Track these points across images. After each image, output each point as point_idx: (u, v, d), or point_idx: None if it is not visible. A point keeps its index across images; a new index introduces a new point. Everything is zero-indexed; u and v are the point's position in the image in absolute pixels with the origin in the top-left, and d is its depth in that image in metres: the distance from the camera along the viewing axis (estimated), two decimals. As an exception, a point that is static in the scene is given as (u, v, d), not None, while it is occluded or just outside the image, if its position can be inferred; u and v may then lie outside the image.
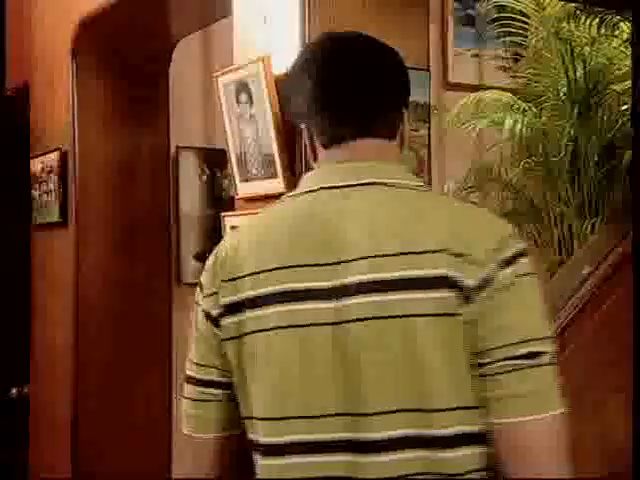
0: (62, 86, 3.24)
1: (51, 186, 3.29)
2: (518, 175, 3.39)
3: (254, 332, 1.11)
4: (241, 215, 2.20)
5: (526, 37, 3.42)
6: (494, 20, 3.70)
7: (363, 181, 1.14)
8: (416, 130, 2.20)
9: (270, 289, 1.10)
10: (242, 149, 2.21)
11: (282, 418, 1.09)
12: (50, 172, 3.29)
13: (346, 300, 1.07)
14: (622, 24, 3.13)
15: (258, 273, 1.11)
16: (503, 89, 3.57)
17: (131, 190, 3.38)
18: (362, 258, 1.08)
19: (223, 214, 2.27)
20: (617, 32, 3.17)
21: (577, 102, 3.24)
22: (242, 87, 2.15)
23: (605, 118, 3.24)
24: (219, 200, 3.60)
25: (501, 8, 3.64)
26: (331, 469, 1.07)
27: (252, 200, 2.20)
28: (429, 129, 2.25)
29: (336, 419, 1.07)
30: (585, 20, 3.12)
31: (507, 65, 4.14)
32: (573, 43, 3.18)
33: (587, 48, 3.24)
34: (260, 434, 1.11)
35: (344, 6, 2.13)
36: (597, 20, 3.07)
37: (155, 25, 3.33)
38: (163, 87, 3.50)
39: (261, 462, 1.12)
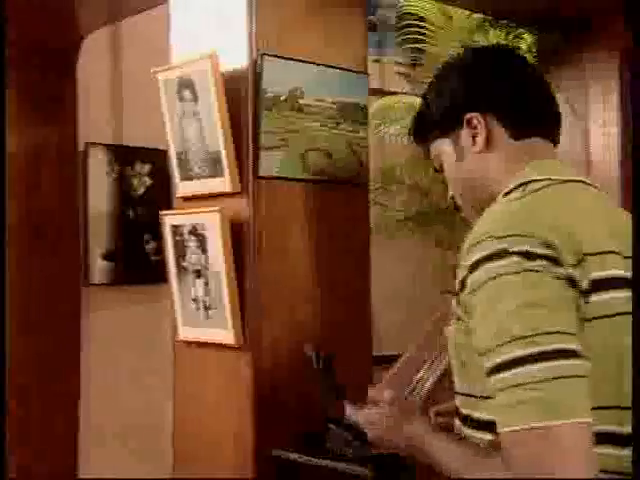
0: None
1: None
2: (424, 178, 3.50)
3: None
4: (184, 214, 2.17)
5: (430, 45, 3.54)
6: (399, 27, 3.80)
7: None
8: (357, 132, 2.24)
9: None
10: (183, 147, 2.18)
11: None
12: (-49, 168, 3.13)
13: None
14: (526, 35, 3.29)
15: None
16: (408, 94, 3.68)
17: (37, 187, 3.26)
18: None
19: (163, 213, 2.24)
20: (521, 43, 3.33)
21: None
22: (186, 84, 2.13)
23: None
24: (129, 198, 3.53)
25: (404, 15, 3.75)
26: None
27: (194, 199, 2.18)
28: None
29: None
30: (491, 31, 3.26)
31: (407, 72, 4.26)
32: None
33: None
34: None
35: (291, 7, 2.14)
36: (503, 31, 3.22)
37: (61, 17, 3.22)
38: (71, 82, 3.40)
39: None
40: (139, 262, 3.58)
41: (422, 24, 3.52)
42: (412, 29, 3.66)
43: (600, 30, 3.20)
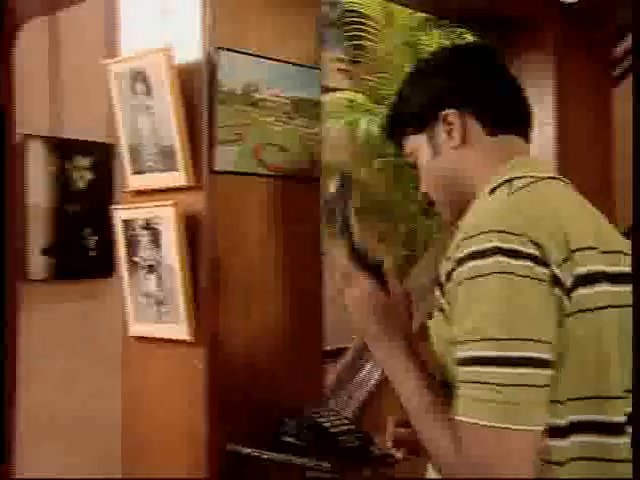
0: None
1: None
2: (366, 174, 3.53)
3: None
4: (136, 209, 2.15)
5: (373, 42, 3.58)
6: (341, 24, 3.83)
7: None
8: (311, 127, 2.24)
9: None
10: (135, 140, 2.15)
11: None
12: None
13: None
14: (467, 35, 3.36)
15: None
16: (349, 90, 3.71)
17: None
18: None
19: (113, 207, 2.20)
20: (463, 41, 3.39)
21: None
22: (139, 77, 2.10)
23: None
24: (68, 192, 3.45)
25: (346, 13, 3.78)
26: None
27: (146, 193, 2.16)
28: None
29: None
30: (433, 29, 3.31)
31: (347, 68, 4.29)
32: (422, 51, 3.36)
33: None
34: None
35: (245, 1, 2.14)
36: (445, 30, 3.27)
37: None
38: (5, 72, 3.30)
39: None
40: (79, 257, 3.51)
41: (365, 21, 3.54)
42: (354, 26, 3.68)
43: (536, 31, 3.28)
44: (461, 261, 1.14)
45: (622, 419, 1.17)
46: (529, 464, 1.09)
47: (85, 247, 3.53)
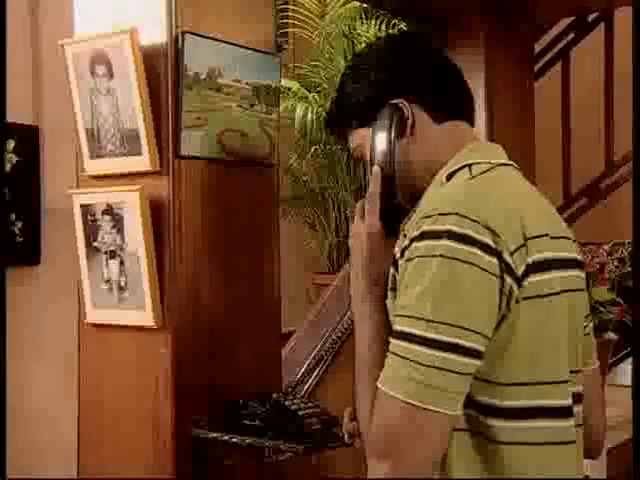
0: None
1: None
2: (299, 161, 3.56)
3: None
4: (97, 193, 2.11)
5: (306, 31, 3.60)
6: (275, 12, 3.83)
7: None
8: (269, 113, 2.26)
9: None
10: (94, 124, 2.12)
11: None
12: None
13: None
14: (402, 25, 3.43)
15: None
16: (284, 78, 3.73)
17: None
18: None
19: (71, 192, 2.16)
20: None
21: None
22: (99, 59, 2.06)
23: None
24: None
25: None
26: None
27: (105, 177, 2.13)
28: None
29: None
30: (369, 20, 3.36)
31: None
32: (355, 40, 3.41)
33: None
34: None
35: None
36: (380, 21, 3.32)
37: None
38: None
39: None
40: (5, 243, 3.39)
41: (297, 9, 3.56)
42: (285, 14, 3.70)
43: (470, 24, 3.39)
44: (415, 239, 1.16)
45: (569, 402, 1.22)
46: (438, 447, 1.13)
47: (11, 233, 3.42)
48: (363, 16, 3.39)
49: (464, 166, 1.29)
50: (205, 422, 2.03)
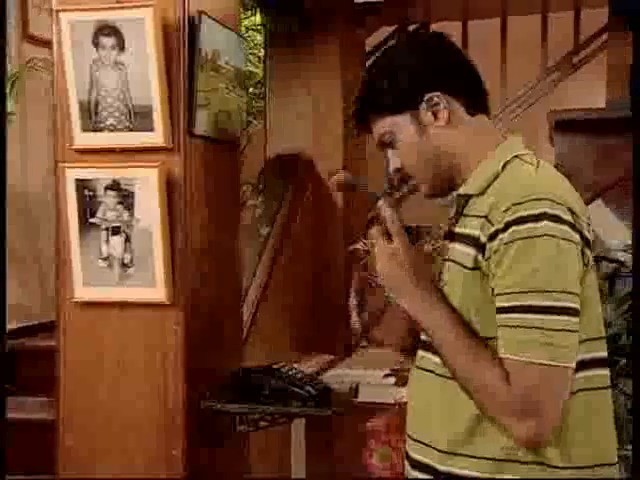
0: None
1: None
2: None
3: None
4: (99, 168, 2.04)
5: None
6: None
7: None
8: (242, 96, 2.34)
9: None
10: (92, 96, 2.05)
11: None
12: None
13: None
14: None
15: None
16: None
17: None
18: None
19: (63, 165, 2.05)
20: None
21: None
22: (108, 30, 2.00)
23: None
24: None
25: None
26: None
27: (100, 152, 2.07)
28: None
29: None
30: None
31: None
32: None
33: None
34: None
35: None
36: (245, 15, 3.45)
37: None
38: None
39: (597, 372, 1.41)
40: None
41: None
42: None
43: (326, 21, 3.66)
44: (512, 223, 1.34)
45: (606, 354, 1.49)
46: (565, 398, 1.33)
47: None
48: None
49: (515, 157, 1.48)
50: (215, 395, 2.09)
